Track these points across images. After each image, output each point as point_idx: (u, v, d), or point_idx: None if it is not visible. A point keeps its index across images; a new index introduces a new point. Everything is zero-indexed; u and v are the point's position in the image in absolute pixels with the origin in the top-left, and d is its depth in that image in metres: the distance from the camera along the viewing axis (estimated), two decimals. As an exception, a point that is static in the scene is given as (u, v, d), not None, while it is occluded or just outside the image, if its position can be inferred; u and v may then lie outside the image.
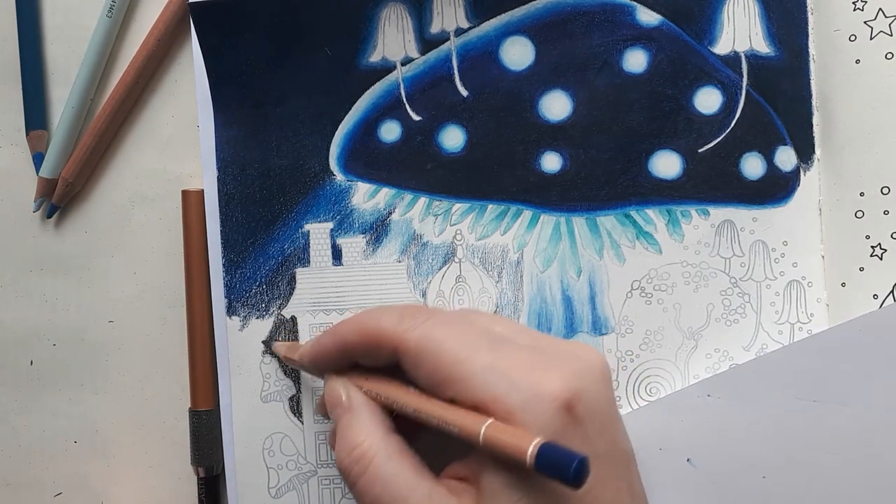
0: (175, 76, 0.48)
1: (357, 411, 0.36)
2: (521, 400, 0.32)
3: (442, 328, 0.35)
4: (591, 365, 0.34)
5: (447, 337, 0.34)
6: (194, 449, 0.47)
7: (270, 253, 0.46)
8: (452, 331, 0.35)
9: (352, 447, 0.35)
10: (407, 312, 0.36)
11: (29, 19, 0.49)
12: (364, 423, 0.36)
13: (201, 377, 0.47)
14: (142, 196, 0.49)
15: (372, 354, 0.37)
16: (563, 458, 0.30)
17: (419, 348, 0.34)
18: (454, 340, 0.34)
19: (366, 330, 0.37)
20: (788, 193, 0.45)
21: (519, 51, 0.46)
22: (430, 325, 0.35)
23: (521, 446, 0.31)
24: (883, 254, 0.43)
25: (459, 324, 0.35)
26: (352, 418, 0.36)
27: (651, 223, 0.45)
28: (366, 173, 0.46)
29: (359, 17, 0.46)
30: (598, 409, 0.33)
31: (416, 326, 0.35)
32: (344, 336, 0.38)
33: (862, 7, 0.43)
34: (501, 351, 0.34)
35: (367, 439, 0.35)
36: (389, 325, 0.36)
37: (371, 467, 0.34)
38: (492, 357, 0.33)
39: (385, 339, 0.36)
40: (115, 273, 0.49)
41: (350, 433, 0.36)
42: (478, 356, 0.33)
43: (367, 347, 0.37)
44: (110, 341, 0.49)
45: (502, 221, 0.46)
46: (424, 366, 0.34)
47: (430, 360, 0.34)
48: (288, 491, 0.46)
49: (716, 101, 0.45)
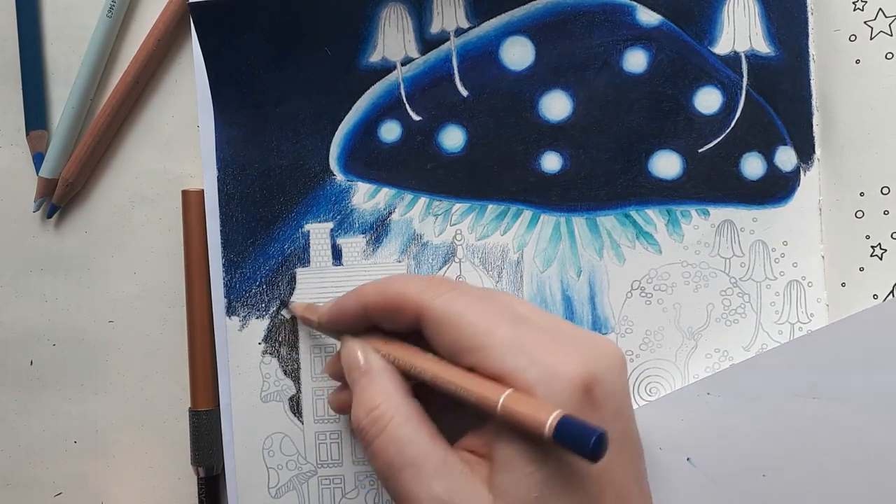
0: (175, 76, 0.48)
1: (375, 373, 0.37)
2: (539, 376, 0.32)
3: (466, 298, 0.35)
4: (608, 352, 0.34)
5: (471, 307, 0.35)
6: (194, 449, 0.47)
7: (270, 253, 0.46)
8: (476, 302, 0.35)
9: (369, 408, 0.35)
10: (433, 281, 0.37)
11: (29, 19, 0.49)
12: (382, 384, 0.36)
13: (201, 377, 0.47)
14: (142, 196, 0.49)
15: (393, 318, 0.37)
16: (582, 431, 0.30)
17: (443, 315, 0.35)
18: (478, 311, 0.35)
19: (390, 294, 0.37)
20: (788, 193, 0.45)
21: (519, 51, 0.46)
22: (454, 294, 0.36)
23: (539, 417, 0.31)
24: (883, 254, 0.43)
25: (483, 297, 0.36)
26: (370, 380, 0.36)
27: (651, 223, 0.45)
28: (366, 173, 0.46)
29: (359, 17, 0.46)
30: (615, 395, 0.34)
31: (440, 294, 0.35)
32: (367, 298, 0.38)
33: (862, 7, 0.43)
34: (523, 327, 0.34)
35: (385, 401, 0.35)
36: (414, 291, 0.36)
37: (388, 429, 0.34)
38: (514, 332, 0.34)
39: (409, 304, 0.36)
40: (115, 273, 0.49)
41: (367, 394, 0.36)
42: (500, 329, 0.34)
43: (390, 311, 0.37)
44: (110, 341, 0.49)
45: (502, 221, 0.46)
46: (447, 333, 0.35)
47: (452, 328, 0.34)
48: (288, 491, 0.46)
49: (716, 101, 0.45)
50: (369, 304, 0.38)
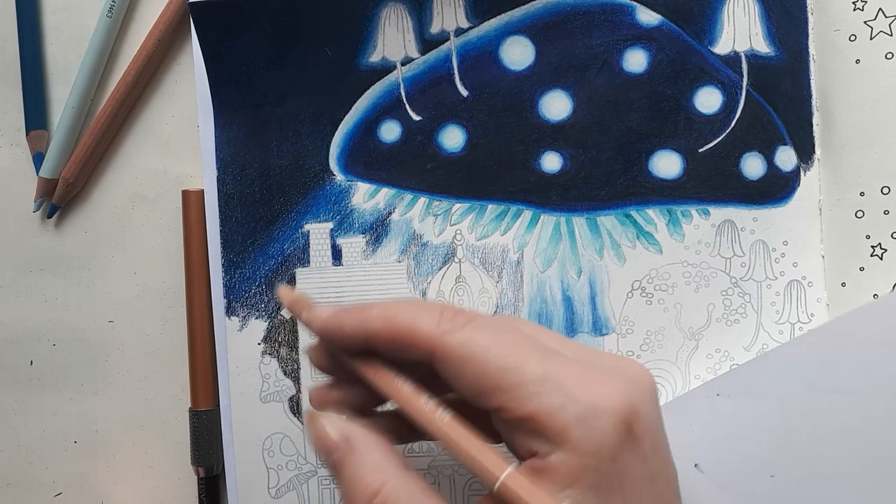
0: (175, 76, 0.48)
1: (362, 451, 0.33)
2: (577, 413, 0.30)
3: (487, 333, 0.32)
4: (642, 381, 0.32)
5: (493, 342, 0.32)
6: (194, 449, 0.47)
7: (270, 253, 0.46)
8: (499, 336, 0.32)
9: (370, 494, 0.31)
10: (447, 313, 0.33)
11: (29, 19, 0.49)
12: (375, 462, 0.32)
13: (201, 377, 0.47)
14: (142, 196, 0.49)
15: (402, 352, 0.33)
16: None
17: (462, 352, 0.31)
18: (501, 347, 0.31)
19: (398, 327, 0.33)
20: (788, 193, 0.45)
21: (519, 51, 0.46)
22: (472, 328, 0.32)
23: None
24: (883, 254, 0.43)
25: (505, 330, 0.33)
26: (358, 460, 0.32)
27: (651, 223, 0.45)
28: (366, 173, 0.46)
29: (359, 17, 0.46)
30: (653, 426, 0.31)
31: (456, 329, 0.32)
32: (370, 324, 0.34)
33: (862, 7, 0.43)
34: (553, 361, 0.31)
35: (385, 482, 0.31)
36: (427, 326, 0.32)
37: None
38: (544, 367, 0.31)
39: (421, 341, 0.32)
40: (115, 273, 0.49)
41: (363, 478, 0.32)
42: (529, 365, 0.31)
43: (398, 344, 0.33)
44: (110, 341, 0.49)
45: (502, 221, 0.46)
46: (468, 373, 0.31)
47: (474, 368, 0.31)
48: (288, 491, 0.46)
49: (716, 100, 0.45)
50: (372, 332, 0.34)
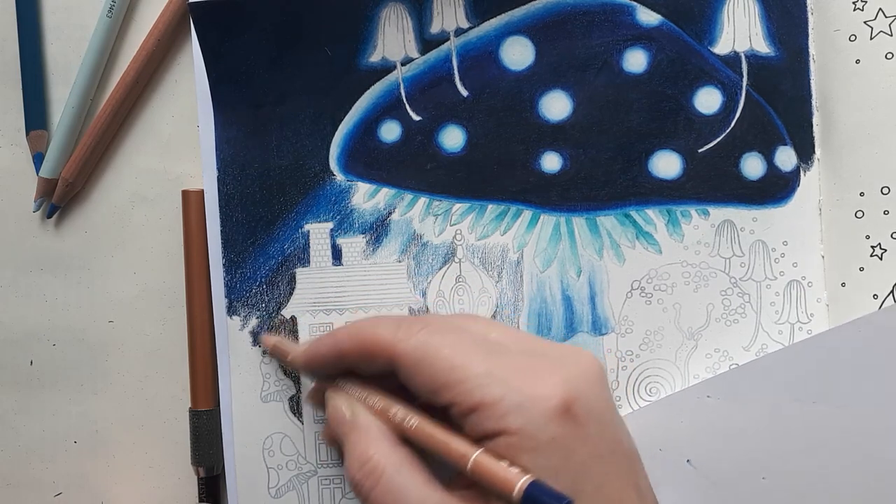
0: (175, 76, 0.48)
1: (364, 427, 0.37)
2: (516, 403, 0.33)
3: (438, 336, 0.36)
4: (586, 367, 0.35)
5: (443, 344, 0.35)
6: (194, 449, 0.47)
7: (270, 253, 0.46)
8: (448, 338, 0.36)
9: (362, 461, 0.35)
10: (403, 322, 0.37)
11: (29, 19, 0.49)
12: (372, 436, 0.36)
13: (201, 377, 0.47)
14: (142, 196, 0.49)
15: (368, 363, 0.38)
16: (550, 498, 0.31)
17: (416, 357, 0.35)
18: (450, 347, 0.35)
19: (362, 339, 0.37)
20: (788, 193, 0.45)
21: (519, 51, 0.46)
22: (425, 333, 0.36)
23: (508, 482, 0.32)
24: (883, 254, 0.43)
25: (454, 332, 0.36)
26: (359, 434, 0.37)
27: (651, 223, 0.45)
28: (366, 173, 0.46)
29: (359, 17, 0.46)
30: (596, 410, 0.34)
31: (411, 336, 0.36)
32: (340, 344, 0.38)
33: (862, 7, 0.43)
34: (496, 357, 0.35)
35: (376, 452, 0.35)
36: (386, 335, 0.36)
37: (382, 480, 0.35)
38: (487, 362, 0.34)
39: (381, 349, 0.36)
40: (115, 273, 0.49)
41: (359, 448, 0.36)
42: (474, 362, 0.34)
43: (363, 356, 0.37)
44: (110, 341, 0.49)
45: (502, 221, 0.46)
46: (421, 373, 0.35)
47: (426, 368, 0.35)
48: (288, 491, 0.46)
49: (716, 101, 0.45)
50: (343, 350, 0.38)
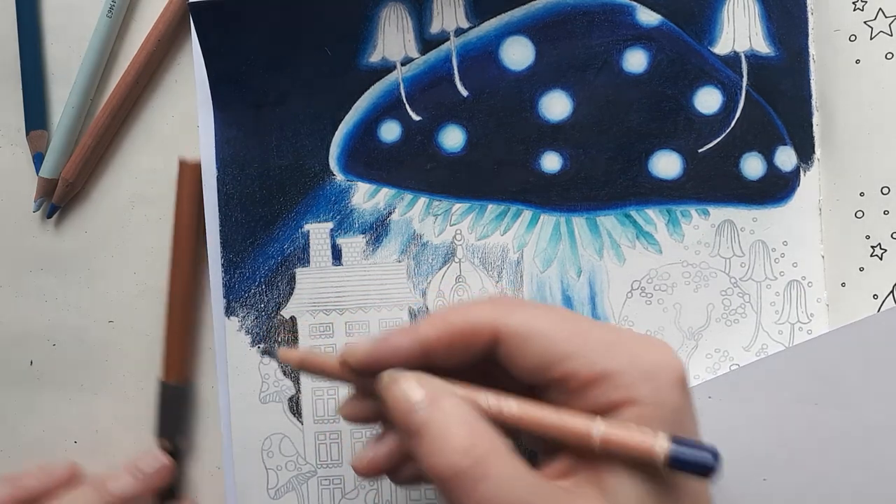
0: (175, 76, 0.48)
1: (452, 411, 0.32)
2: (644, 371, 0.31)
3: (541, 310, 0.34)
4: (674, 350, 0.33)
5: (554, 318, 0.33)
6: (161, 422, 0.47)
7: (270, 253, 0.46)
8: (552, 312, 0.34)
9: (463, 448, 0.30)
10: (499, 300, 0.35)
11: (29, 19, 0.49)
12: (465, 419, 0.31)
13: (176, 349, 0.47)
14: (142, 196, 0.49)
15: (462, 349, 0.34)
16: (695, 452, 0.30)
17: (524, 331, 0.32)
18: (563, 321, 0.33)
19: (455, 323, 0.33)
20: (788, 193, 0.45)
21: (519, 51, 0.46)
22: (527, 308, 0.34)
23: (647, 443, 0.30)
24: (883, 254, 0.43)
25: (552, 307, 0.35)
26: (446, 417, 0.31)
27: (651, 223, 0.45)
28: (366, 173, 0.46)
29: (359, 17, 0.46)
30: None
31: (513, 310, 0.33)
32: (426, 333, 0.34)
33: (862, 7, 0.43)
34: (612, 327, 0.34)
35: (479, 438, 0.31)
36: (484, 313, 0.33)
37: (494, 471, 0.30)
38: (603, 331, 0.33)
39: (481, 328, 0.33)
40: (115, 273, 0.49)
41: (452, 433, 0.31)
42: (593, 332, 0.32)
43: (457, 342, 0.33)
44: (110, 341, 0.49)
45: (502, 221, 0.46)
46: (533, 346, 0.32)
47: (537, 342, 0.32)
48: (287, 492, 0.46)
49: (716, 101, 0.45)
50: (431, 339, 0.34)
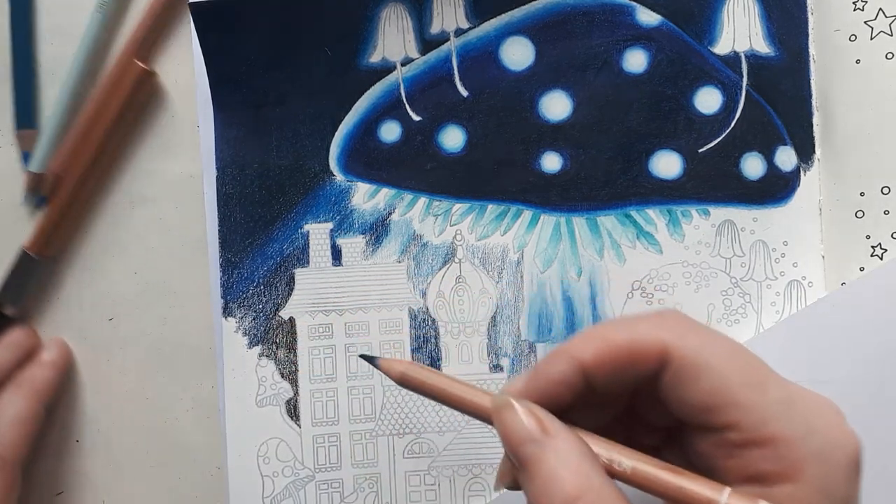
0: (175, 76, 0.48)
1: (565, 448, 0.29)
2: (817, 448, 0.27)
3: (718, 340, 0.29)
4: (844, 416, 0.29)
5: (731, 353, 0.29)
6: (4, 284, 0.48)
7: (269, 253, 0.46)
8: (731, 347, 0.29)
9: (570, 498, 0.27)
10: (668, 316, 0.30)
11: (21, 18, 0.48)
12: (577, 464, 0.28)
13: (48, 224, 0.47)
14: (142, 196, 0.48)
15: (623, 374, 0.30)
16: None
17: (699, 362, 0.28)
18: (740, 359, 0.29)
19: (616, 342, 0.29)
20: (788, 193, 0.45)
21: (519, 51, 0.46)
22: (702, 333, 0.29)
23: None
24: (883, 254, 0.43)
25: (733, 342, 0.29)
26: (557, 458, 0.28)
27: (651, 223, 0.45)
28: (366, 173, 0.46)
29: (359, 18, 0.46)
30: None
31: (686, 333, 0.29)
32: (583, 354, 0.30)
33: (862, 7, 0.43)
34: (792, 385, 0.28)
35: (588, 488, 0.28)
36: (652, 331, 0.29)
37: None
38: (787, 389, 0.28)
39: (649, 348, 0.29)
40: (115, 273, 0.49)
41: (560, 478, 0.28)
42: (772, 384, 0.28)
43: (620, 364, 0.29)
44: (110, 341, 0.49)
45: (502, 221, 0.46)
46: (703, 382, 0.28)
47: (712, 377, 0.28)
48: (284, 499, 0.46)
49: (716, 101, 0.45)
50: (588, 361, 0.30)
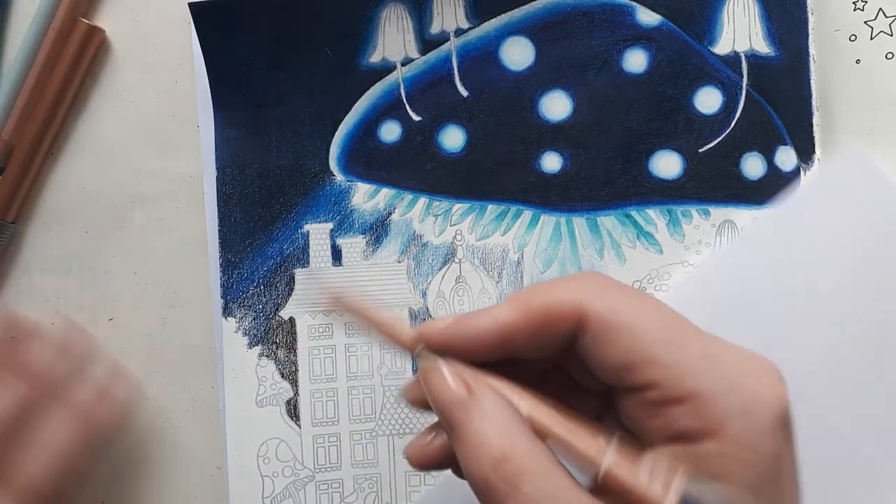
0: (175, 76, 0.48)
1: (491, 410, 0.29)
2: (740, 403, 0.27)
3: (637, 299, 0.29)
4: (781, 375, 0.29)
5: (647, 311, 0.29)
6: None
7: (269, 253, 0.46)
8: (650, 305, 0.29)
9: (495, 458, 0.28)
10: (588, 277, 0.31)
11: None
12: (504, 424, 0.29)
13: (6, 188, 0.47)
14: (142, 196, 0.49)
15: (543, 338, 0.30)
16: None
17: (614, 321, 0.28)
18: (658, 317, 0.28)
19: (536, 307, 0.29)
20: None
21: (519, 51, 0.46)
22: (621, 293, 0.29)
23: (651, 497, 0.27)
24: (883, 254, 0.43)
25: (651, 298, 0.30)
26: (485, 420, 0.29)
27: (651, 223, 0.45)
28: (366, 173, 0.46)
29: (359, 18, 0.46)
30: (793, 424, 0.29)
31: (603, 294, 0.29)
32: (504, 317, 0.30)
33: (862, 7, 0.43)
34: (713, 339, 0.28)
35: (514, 447, 0.28)
36: (570, 295, 0.29)
37: (527, 485, 0.27)
38: (703, 344, 0.28)
39: (566, 312, 0.29)
40: (115, 273, 0.49)
41: (488, 440, 0.28)
42: (690, 339, 0.28)
43: (539, 327, 0.29)
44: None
45: (502, 222, 0.46)
46: (618, 342, 0.28)
47: (626, 335, 0.28)
48: (284, 499, 0.46)
49: (716, 101, 0.45)
50: (509, 323, 0.30)
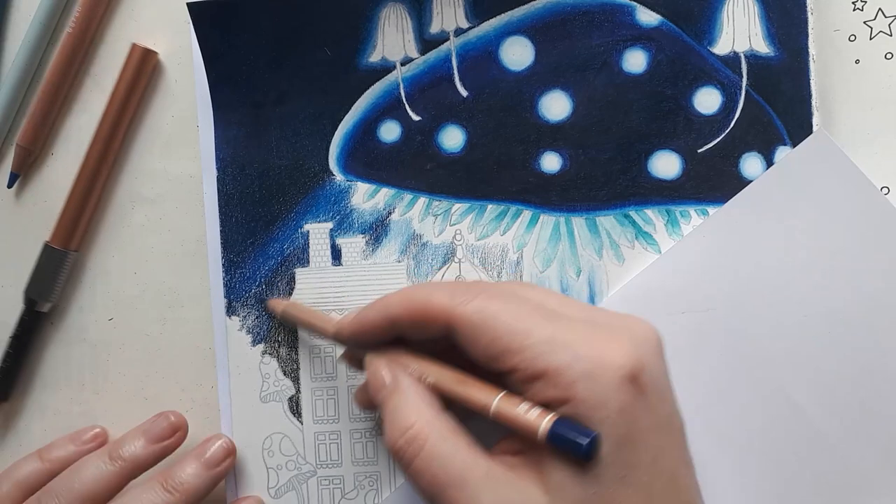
0: (175, 76, 0.48)
1: (405, 392, 0.36)
2: (584, 370, 0.32)
3: (497, 301, 0.35)
4: (647, 336, 0.34)
5: (503, 309, 0.34)
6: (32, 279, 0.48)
7: (270, 253, 0.47)
8: (508, 304, 0.35)
9: (404, 428, 0.34)
10: (459, 287, 0.36)
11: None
12: (413, 402, 0.35)
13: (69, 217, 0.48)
14: (142, 196, 0.49)
15: (421, 329, 0.36)
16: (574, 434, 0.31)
17: (475, 321, 0.34)
18: (511, 313, 0.34)
19: (416, 304, 0.36)
20: (788, 193, 0.45)
21: (519, 51, 0.46)
22: (484, 298, 0.35)
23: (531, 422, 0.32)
24: (883, 254, 0.43)
25: (514, 297, 0.35)
26: (400, 399, 0.36)
27: (650, 223, 0.45)
28: (365, 173, 0.46)
29: (359, 17, 0.46)
30: (658, 379, 0.34)
31: (469, 300, 0.35)
32: (391, 311, 0.37)
33: (862, 7, 0.43)
34: (560, 322, 0.34)
35: (418, 419, 0.34)
36: (442, 299, 0.35)
37: (426, 447, 0.34)
38: (551, 328, 0.33)
39: (437, 314, 0.35)
40: (115, 273, 0.49)
41: (400, 414, 0.35)
42: (537, 327, 0.33)
43: (417, 322, 0.36)
44: (110, 341, 0.49)
45: (502, 221, 0.46)
46: (481, 339, 0.34)
47: (486, 333, 0.34)
48: (287, 491, 0.46)
49: (715, 101, 0.45)
50: (395, 316, 0.37)
